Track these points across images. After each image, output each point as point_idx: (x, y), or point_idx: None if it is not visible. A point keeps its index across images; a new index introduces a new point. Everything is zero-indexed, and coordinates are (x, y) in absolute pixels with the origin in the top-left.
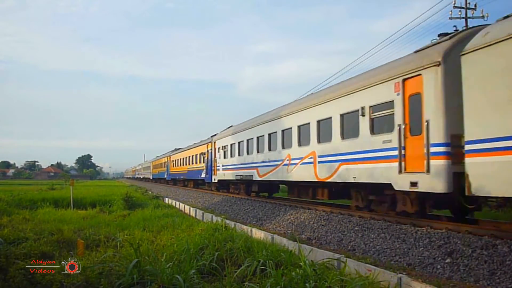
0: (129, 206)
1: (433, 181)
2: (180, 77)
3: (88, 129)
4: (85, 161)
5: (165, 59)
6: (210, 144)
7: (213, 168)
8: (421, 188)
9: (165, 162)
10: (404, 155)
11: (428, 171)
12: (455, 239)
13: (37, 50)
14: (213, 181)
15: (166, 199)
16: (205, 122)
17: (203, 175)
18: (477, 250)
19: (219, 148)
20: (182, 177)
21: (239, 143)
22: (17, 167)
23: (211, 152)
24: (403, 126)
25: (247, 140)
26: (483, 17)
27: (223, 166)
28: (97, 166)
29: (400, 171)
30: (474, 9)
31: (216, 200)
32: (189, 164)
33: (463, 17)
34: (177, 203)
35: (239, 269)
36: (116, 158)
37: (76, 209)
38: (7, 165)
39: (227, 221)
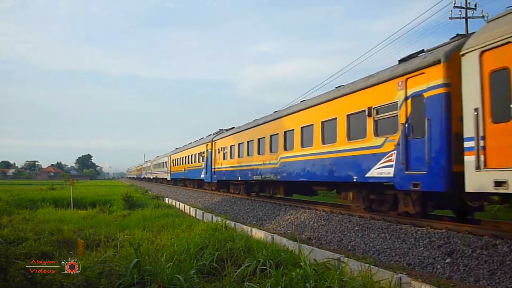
0: (129, 206)
1: None
2: (180, 77)
3: (88, 129)
4: (85, 161)
5: (165, 59)
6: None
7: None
8: None
9: (200, 154)
10: None
11: None
12: (455, 239)
13: (37, 50)
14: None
15: (166, 199)
16: (205, 122)
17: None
18: (477, 250)
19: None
20: (259, 176)
21: None
22: (17, 167)
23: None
24: None
25: None
26: (483, 17)
27: None
28: (97, 166)
29: None
30: (474, 9)
31: (216, 200)
32: (307, 144)
33: (463, 17)
34: (177, 203)
35: (239, 269)
36: (116, 158)
37: (76, 209)
38: (7, 165)
39: (227, 221)
